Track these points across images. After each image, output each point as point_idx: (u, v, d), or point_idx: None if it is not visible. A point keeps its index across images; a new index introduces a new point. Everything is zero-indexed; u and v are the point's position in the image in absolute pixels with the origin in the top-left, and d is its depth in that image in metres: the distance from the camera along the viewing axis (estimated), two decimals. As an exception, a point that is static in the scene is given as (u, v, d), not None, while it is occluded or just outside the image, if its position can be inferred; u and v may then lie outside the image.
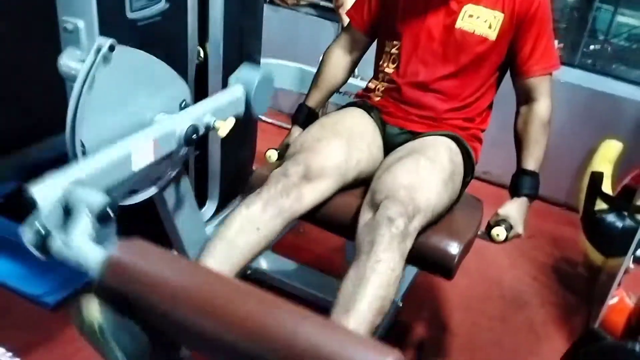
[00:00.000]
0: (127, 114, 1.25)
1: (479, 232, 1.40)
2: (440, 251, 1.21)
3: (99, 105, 1.16)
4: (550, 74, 1.45)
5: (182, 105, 1.36)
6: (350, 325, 1.05)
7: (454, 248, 1.21)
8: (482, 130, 1.52)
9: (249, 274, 1.78)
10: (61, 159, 2.35)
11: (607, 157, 2.06)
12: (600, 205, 1.96)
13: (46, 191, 0.98)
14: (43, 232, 0.97)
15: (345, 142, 1.33)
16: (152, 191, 1.42)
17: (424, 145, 1.35)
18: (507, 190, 1.48)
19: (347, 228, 1.25)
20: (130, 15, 1.38)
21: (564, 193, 2.62)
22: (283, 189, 1.23)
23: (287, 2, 3.00)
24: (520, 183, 1.42)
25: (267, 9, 2.92)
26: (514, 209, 1.39)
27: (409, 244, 1.16)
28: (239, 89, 1.42)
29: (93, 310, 0.84)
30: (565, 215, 2.56)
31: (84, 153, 1.17)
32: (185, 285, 0.86)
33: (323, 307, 1.07)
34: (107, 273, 0.87)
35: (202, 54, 1.71)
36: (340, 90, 1.69)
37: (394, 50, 1.47)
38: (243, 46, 1.84)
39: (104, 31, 1.32)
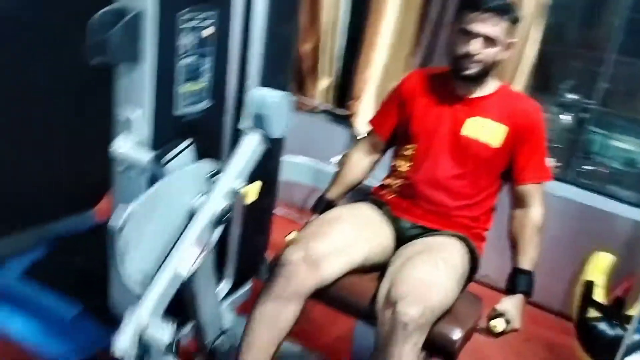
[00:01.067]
0: (166, 223, 1.40)
1: (478, 326, 1.52)
2: (443, 337, 1.34)
3: (134, 238, 1.32)
4: (543, 183, 1.63)
5: (212, 176, 1.48)
6: None
7: (455, 334, 1.34)
8: (486, 230, 1.67)
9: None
10: (85, 234, 2.51)
11: (599, 268, 2.18)
12: (593, 313, 2.07)
13: (123, 344, 1.24)
14: None
15: (350, 227, 1.49)
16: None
17: (439, 245, 1.51)
18: (504, 293, 1.58)
19: (357, 309, 1.38)
20: (176, 113, 1.58)
21: (559, 301, 2.71)
22: (291, 275, 1.39)
23: (303, 108, 3.26)
24: (517, 281, 1.55)
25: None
26: (511, 305, 1.51)
27: (422, 340, 1.30)
28: (254, 136, 1.48)
29: None
30: (560, 322, 2.64)
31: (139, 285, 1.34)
32: None
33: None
34: None
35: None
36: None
37: (409, 152, 1.66)
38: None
39: (154, 122, 1.54)
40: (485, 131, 1.59)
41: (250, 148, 1.46)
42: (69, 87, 2.20)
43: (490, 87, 1.63)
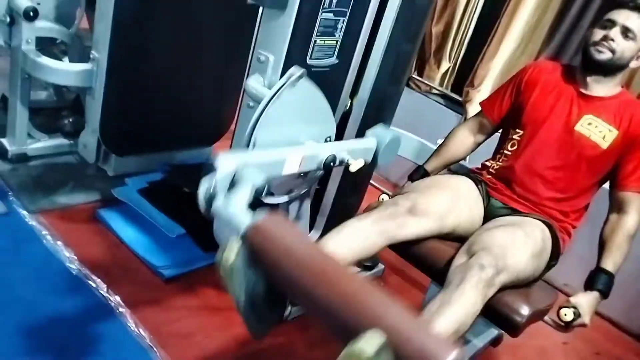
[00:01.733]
0: (290, 132, 1.59)
1: (548, 317, 1.57)
2: (512, 309, 1.39)
3: (276, 116, 1.50)
4: None
5: (327, 139, 1.68)
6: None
7: (524, 310, 1.39)
8: (574, 227, 1.70)
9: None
10: (198, 166, 2.79)
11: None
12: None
13: (226, 162, 1.27)
14: (212, 191, 1.23)
15: (450, 197, 1.58)
16: (283, 199, 1.73)
17: (523, 222, 1.57)
18: None
19: (435, 269, 1.47)
20: (309, 61, 1.74)
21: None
22: (390, 215, 1.49)
23: (420, 87, 3.35)
24: (596, 279, 1.57)
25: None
26: (585, 300, 1.54)
27: (491, 292, 1.36)
28: (372, 140, 1.72)
29: (232, 251, 1.06)
30: (637, 346, 2.59)
31: (254, 147, 1.51)
32: (306, 258, 1.09)
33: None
34: (250, 235, 1.13)
35: (348, 105, 2.04)
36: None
37: (516, 137, 1.72)
38: (381, 110, 2.16)
39: (286, 68, 1.70)
40: (598, 131, 1.62)
41: (365, 146, 1.66)
42: (217, 31, 2.44)
43: (611, 89, 1.66)
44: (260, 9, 1.67)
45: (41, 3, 2.28)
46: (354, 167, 1.63)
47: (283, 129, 1.55)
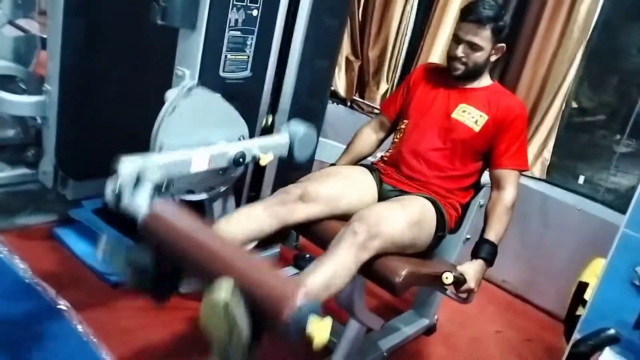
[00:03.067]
0: (197, 135, 1.79)
1: (450, 292, 1.75)
2: (390, 269, 1.56)
3: (176, 123, 1.72)
4: (519, 170, 1.84)
5: (240, 138, 1.89)
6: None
7: (401, 270, 1.56)
8: (462, 203, 1.89)
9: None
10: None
11: (595, 272, 2.29)
12: (582, 311, 2.18)
13: (128, 165, 1.50)
14: (117, 191, 1.47)
15: (341, 182, 1.78)
16: (203, 196, 1.92)
17: (404, 198, 1.77)
18: (521, 300, 1.78)
19: (327, 244, 1.66)
20: (222, 74, 1.97)
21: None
22: (281, 201, 1.68)
23: (363, 108, 3.57)
24: (480, 249, 1.75)
25: (345, 110, 3.54)
26: (471, 268, 1.71)
27: (364, 255, 1.52)
28: (284, 136, 1.93)
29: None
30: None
31: (160, 151, 1.72)
32: (191, 232, 1.34)
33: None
34: (147, 220, 1.38)
35: (269, 121, 2.25)
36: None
37: (402, 127, 1.94)
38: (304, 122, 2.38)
39: (201, 80, 1.93)
40: (470, 117, 1.84)
41: (278, 141, 1.90)
42: (162, 56, 2.64)
43: (483, 82, 1.89)
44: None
45: (-1, 45, 2.54)
46: (263, 161, 1.84)
47: (188, 133, 1.76)
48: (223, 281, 1.17)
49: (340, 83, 3.49)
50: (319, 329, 1.16)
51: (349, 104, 3.52)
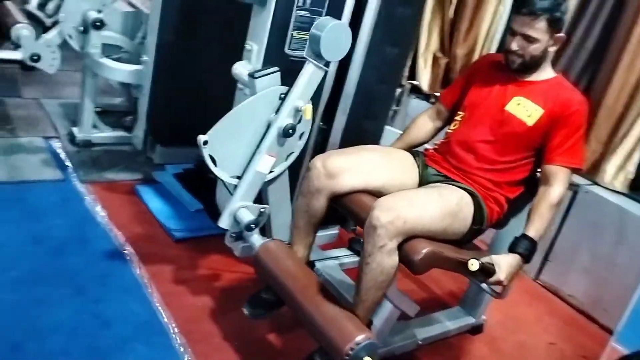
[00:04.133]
0: (249, 132, 1.92)
1: (485, 285, 1.74)
2: (411, 246, 1.57)
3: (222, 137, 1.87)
4: (571, 168, 1.78)
5: (281, 97, 1.92)
6: (356, 306, 1.67)
7: (423, 248, 1.57)
8: (507, 199, 1.85)
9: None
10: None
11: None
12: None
13: (224, 221, 1.90)
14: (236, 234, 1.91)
15: (376, 156, 1.84)
16: (283, 166, 2.03)
17: (443, 187, 1.77)
18: (585, 317, 2.09)
19: (358, 219, 1.71)
20: (287, 51, 2.07)
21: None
22: (310, 180, 1.80)
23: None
24: (518, 243, 1.70)
25: (427, 106, 3.53)
26: (504, 260, 1.67)
27: (394, 244, 1.56)
28: (310, 66, 1.86)
29: None
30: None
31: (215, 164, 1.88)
32: (291, 275, 1.75)
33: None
34: (258, 253, 1.78)
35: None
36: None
37: (457, 118, 1.94)
38: (370, 106, 2.41)
39: (266, 55, 2.05)
40: (524, 110, 1.79)
41: (307, 74, 1.89)
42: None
43: (543, 74, 1.83)
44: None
45: (108, 18, 2.83)
46: (307, 114, 1.90)
47: (237, 139, 1.91)
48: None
49: (424, 78, 3.48)
50: None
51: (432, 100, 3.51)
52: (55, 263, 2.11)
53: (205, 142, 1.86)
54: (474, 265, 1.63)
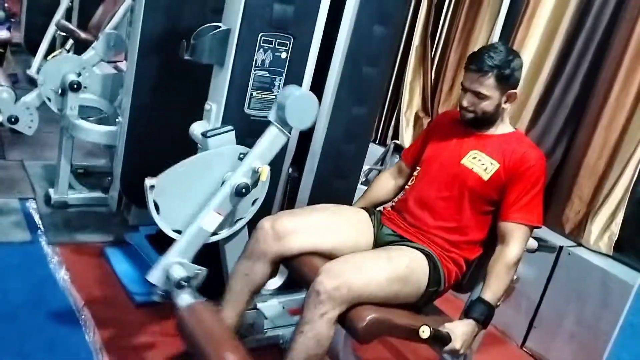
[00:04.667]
0: (200, 188, 1.87)
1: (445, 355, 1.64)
2: (355, 314, 1.48)
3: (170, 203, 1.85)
4: (528, 226, 1.69)
5: (240, 157, 1.88)
6: None
7: (367, 315, 1.48)
8: (466, 260, 1.77)
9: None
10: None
11: None
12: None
13: (155, 276, 1.78)
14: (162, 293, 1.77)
15: (327, 216, 1.77)
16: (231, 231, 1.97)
17: (395, 249, 1.69)
18: None
19: (307, 282, 1.63)
20: (247, 111, 2.05)
21: None
22: (256, 241, 1.73)
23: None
24: (473, 308, 1.61)
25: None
26: (459, 327, 1.58)
27: (335, 313, 1.48)
28: (273, 129, 1.84)
29: None
30: None
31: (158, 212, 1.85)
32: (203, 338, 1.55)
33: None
34: (181, 314, 1.63)
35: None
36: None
37: (415, 174, 1.89)
38: (338, 165, 2.37)
39: (225, 115, 2.03)
40: (480, 164, 1.73)
41: (270, 137, 1.85)
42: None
43: (501, 129, 1.79)
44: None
45: (88, 80, 2.86)
46: (263, 176, 1.84)
47: (183, 196, 1.87)
48: None
49: (407, 137, 3.45)
50: None
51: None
52: (4, 328, 2.02)
53: (152, 187, 1.81)
54: (425, 332, 1.52)
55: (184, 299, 1.72)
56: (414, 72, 3.46)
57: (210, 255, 1.96)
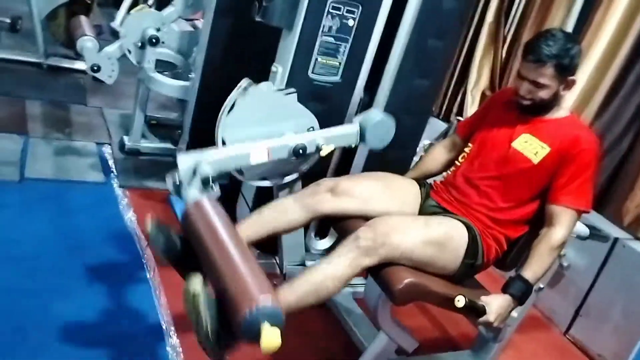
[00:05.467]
0: (261, 129, 1.92)
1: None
2: (393, 275, 1.54)
3: (236, 120, 1.90)
4: (576, 210, 1.69)
5: (310, 129, 1.97)
6: (281, 292, 1.49)
7: (405, 278, 1.54)
8: (507, 238, 1.79)
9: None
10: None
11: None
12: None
13: (185, 160, 1.73)
14: (177, 182, 1.71)
15: (380, 186, 1.81)
16: (276, 181, 2.07)
17: (436, 217, 1.73)
18: None
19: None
20: (310, 75, 2.12)
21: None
22: (311, 193, 1.77)
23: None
24: (511, 284, 1.64)
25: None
26: (495, 300, 1.62)
27: (364, 262, 1.53)
28: (354, 126, 1.94)
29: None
30: None
31: (224, 145, 1.90)
32: (210, 232, 1.49)
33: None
34: (185, 212, 1.60)
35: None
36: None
37: (467, 150, 1.91)
38: (399, 137, 2.41)
39: (290, 78, 2.11)
40: (531, 147, 1.73)
41: (345, 131, 1.95)
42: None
43: (556, 114, 1.77)
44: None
45: (166, 36, 3.00)
46: (323, 152, 1.92)
47: (249, 128, 1.92)
48: (196, 275, 1.36)
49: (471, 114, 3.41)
50: (268, 337, 1.23)
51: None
52: (72, 259, 2.22)
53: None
54: (460, 301, 1.58)
55: (192, 193, 1.66)
56: (484, 50, 3.41)
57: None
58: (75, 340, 1.84)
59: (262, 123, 1.93)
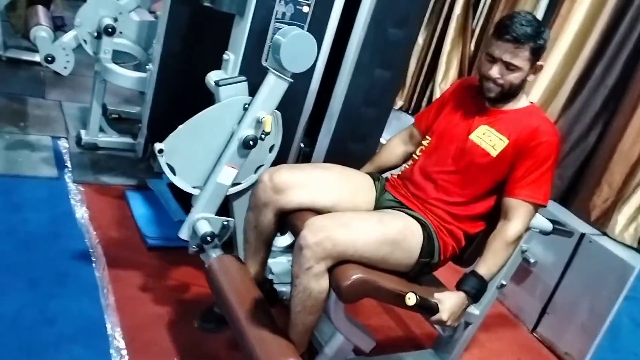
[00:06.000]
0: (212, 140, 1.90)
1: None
2: (341, 272, 1.46)
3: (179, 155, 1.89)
4: (533, 204, 1.62)
5: (245, 107, 1.88)
6: (289, 330, 1.57)
7: (353, 274, 1.45)
8: (466, 234, 1.72)
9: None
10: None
11: None
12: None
13: (185, 231, 1.91)
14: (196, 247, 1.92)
15: (329, 175, 1.74)
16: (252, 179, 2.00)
17: (390, 213, 1.66)
18: None
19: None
20: (264, 63, 2.03)
21: None
22: (257, 193, 1.71)
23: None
24: (465, 280, 1.58)
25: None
26: (448, 298, 1.55)
27: (319, 269, 1.45)
28: (271, 76, 1.81)
29: None
30: None
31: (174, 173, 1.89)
32: (227, 289, 1.70)
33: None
34: (210, 267, 1.78)
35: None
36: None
37: (424, 143, 1.83)
38: (357, 128, 2.32)
39: (243, 66, 2.02)
40: (489, 140, 1.65)
41: (269, 85, 1.83)
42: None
43: (516, 104, 1.70)
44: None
45: (123, 26, 2.89)
46: (267, 126, 1.84)
47: (196, 153, 1.91)
48: None
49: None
50: None
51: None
52: (19, 255, 2.12)
53: (161, 151, 1.84)
54: (411, 299, 1.51)
55: (211, 252, 1.85)
56: (452, 43, 3.35)
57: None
58: (6, 345, 1.74)
59: (208, 140, 1.91)
